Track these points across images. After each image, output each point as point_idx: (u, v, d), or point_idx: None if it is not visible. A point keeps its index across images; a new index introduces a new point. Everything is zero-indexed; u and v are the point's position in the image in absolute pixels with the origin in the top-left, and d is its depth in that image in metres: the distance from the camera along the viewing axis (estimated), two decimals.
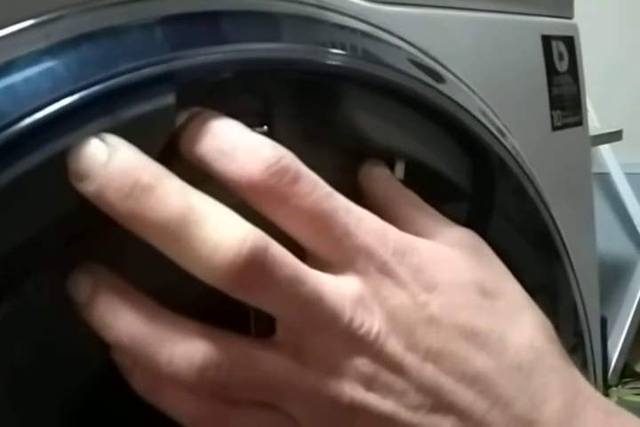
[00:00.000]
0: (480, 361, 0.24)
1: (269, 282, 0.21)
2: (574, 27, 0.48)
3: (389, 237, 0.24)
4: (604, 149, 1.89)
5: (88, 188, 0.20)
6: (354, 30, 0.31)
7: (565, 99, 0.47)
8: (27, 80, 0.20)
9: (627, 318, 1.89)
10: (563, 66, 0.46)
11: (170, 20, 0.24)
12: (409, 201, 0.30)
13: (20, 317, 0.22)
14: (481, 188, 0.37)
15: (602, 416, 0.26)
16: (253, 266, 0.20)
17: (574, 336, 0.45)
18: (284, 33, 0.28)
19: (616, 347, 1.85)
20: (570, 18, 0.49)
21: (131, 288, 0.22)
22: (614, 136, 1.31)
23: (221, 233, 0.20)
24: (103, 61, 0.21)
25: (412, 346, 0.23)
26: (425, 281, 0.24)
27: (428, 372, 0.23)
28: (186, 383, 0.21)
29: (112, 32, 0.22)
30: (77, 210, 0.21)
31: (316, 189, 0.23)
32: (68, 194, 0.20)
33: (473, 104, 0.36)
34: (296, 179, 0.22)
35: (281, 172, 0.22)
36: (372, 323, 0.22)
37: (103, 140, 0.20)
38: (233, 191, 0.23)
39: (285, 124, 0.28)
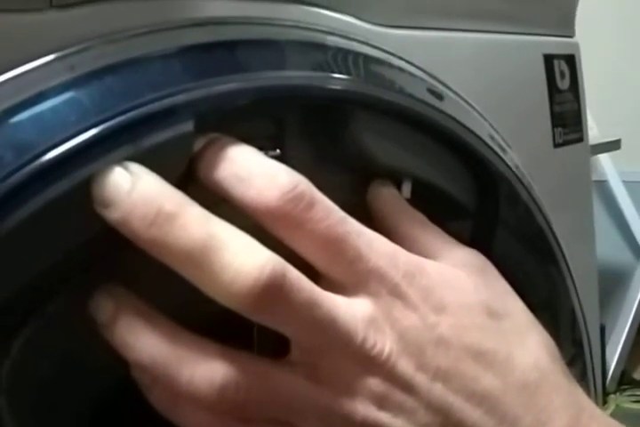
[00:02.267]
0: (487, 380, 0.25)
1: (287, 306, 0.21)
2: (575, 45, 0.49)
3: (400, 259, 0.25)
4: (603, 158, 1.91)
5: (112, 215, 0.21)
6: (359, 55, 0.32)
7: (567, 116, 0.48)
8: (54, 111, 0.21)
9: (625, 326, 1.90)
10: (564, 84, 0.47)
11: (187, 51, 0.25)
12: (415, 221, 0.31)
13: (43, 336, 0.23)
14: (484, 205, 0.38)
15: None
16: (272, 291, 0.21)
17: (573, 346, 0.46)
18: (295, 60, 0.29)
19: (614, 354, 1.86)
20: (571, 36, 0.50)
21: (150, 309, 0.23)
22: (613, 145, 1.33)
23: (241, 259, 0.21)
24: (126, 92, 0.22)
25: (422, 366, 0.24)
26: (434, 303, 0.25)
27: (438, 391, 0.24)
28: (205, 402, 0.22)
29: (133, 63, 0.23)
30: (99, 235, 0.22)
31: (330, 214, 0.23)
32: (91, 220, 0.21)
33: (476, 123, 0.37)
34: (311, 205, 0.23)
35: (297, 198, 0.23)
36: (384, 343, 0.23)
37: (126, 168, 0.21)
38: (248, 215, 0.23)
39: (296, 147, 0.29)
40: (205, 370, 0.21)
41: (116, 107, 0.22)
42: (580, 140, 0.49)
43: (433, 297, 0.25)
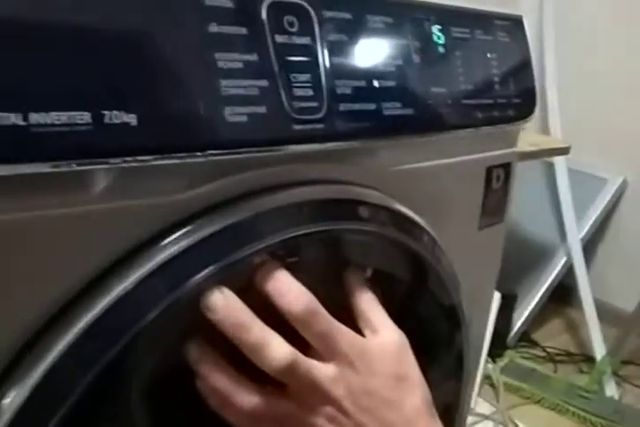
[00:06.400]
0: (390, 415, 0.45)
1: (296, 373, 0.41)
2: (512, 153, 0.67)
3: (357, 342, 0.45)
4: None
5: (214, 316, 0.40)
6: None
7: (494, 207, 0.66)
8: (185, 259, 0.39)
9: (537, 295, 2.17)
10: (498, 184, 0.65)
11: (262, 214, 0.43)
12: (369, 300, 0.50)
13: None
14: (416, 280, 0.57)
15: None
16: (290, 367, 0.40)
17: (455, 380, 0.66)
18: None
19: (522, 317, 2.15)
20: (512, 146, 0.67)
21: (221, 358, 0.42)
22: (563, 151, 1.51)
23: (277, 350, 0.40)
24: (224, 246, 0.40)
25: (356, 404, 0.43)
26: (371, 370, 0.45)
27: (363, 418, 0.44)
28: (244, 411, 0.42)
29: (231, 227, 0.41)
30: (197, 325, 0.41)
31: (323, 318, 0.43)
32: (198, 317, 0.40)
33: (420, 229, 0.55)
34: (316, 313, 0.42)
35: (311, 309, 0.42)
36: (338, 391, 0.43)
37: (221, 290, 0.40)
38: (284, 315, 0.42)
39: (305, 257, 0.47)
40: (247, 399, 0.41)
41: (218, 257, 0.40)
42: (501, 221, 0.68)
43: (370, 367, 0.45)
